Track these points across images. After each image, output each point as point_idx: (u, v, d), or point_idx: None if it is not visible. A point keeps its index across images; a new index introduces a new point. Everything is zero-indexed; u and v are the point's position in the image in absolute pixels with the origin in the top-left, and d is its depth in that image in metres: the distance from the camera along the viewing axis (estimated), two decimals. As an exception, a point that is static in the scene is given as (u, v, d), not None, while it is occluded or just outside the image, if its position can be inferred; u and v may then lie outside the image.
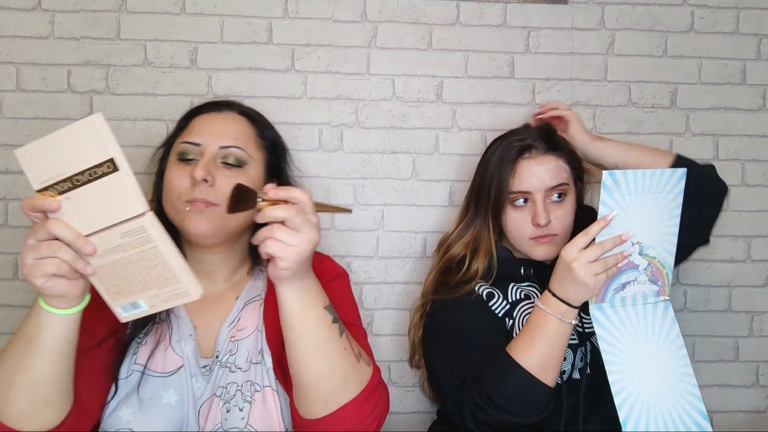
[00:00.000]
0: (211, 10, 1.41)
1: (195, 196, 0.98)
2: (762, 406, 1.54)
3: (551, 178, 1.16)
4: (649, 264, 1.08)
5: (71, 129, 0.75)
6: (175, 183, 1.01)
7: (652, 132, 1.50)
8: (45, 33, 1.38)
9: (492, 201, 1.20)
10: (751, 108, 1.52)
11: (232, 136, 1.05)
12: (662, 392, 1.07)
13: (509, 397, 1.03)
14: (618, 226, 1.02)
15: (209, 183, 0.99)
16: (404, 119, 1.46)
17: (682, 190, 1.05)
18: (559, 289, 1.04)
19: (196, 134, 1.04)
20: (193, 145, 1.03)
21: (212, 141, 1.03)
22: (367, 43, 1.45)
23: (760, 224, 1.53)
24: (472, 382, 1.07)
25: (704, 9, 1.50)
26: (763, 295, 1.53)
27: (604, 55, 1.49)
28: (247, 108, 1.13)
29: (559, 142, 1.22)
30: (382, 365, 1.46)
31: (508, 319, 1.17)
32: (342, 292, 1.12)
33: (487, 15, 1.46)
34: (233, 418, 0.97)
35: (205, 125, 1.06)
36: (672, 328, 1.10)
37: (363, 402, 0.91)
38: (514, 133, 1.24)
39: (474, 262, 1.22)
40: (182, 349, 1.01)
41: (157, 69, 1.41)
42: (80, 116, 1.39)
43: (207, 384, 1.00)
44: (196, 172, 0.98)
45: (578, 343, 1.16)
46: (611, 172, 1.00)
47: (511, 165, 1.18)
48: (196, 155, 1.02)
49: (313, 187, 1.44)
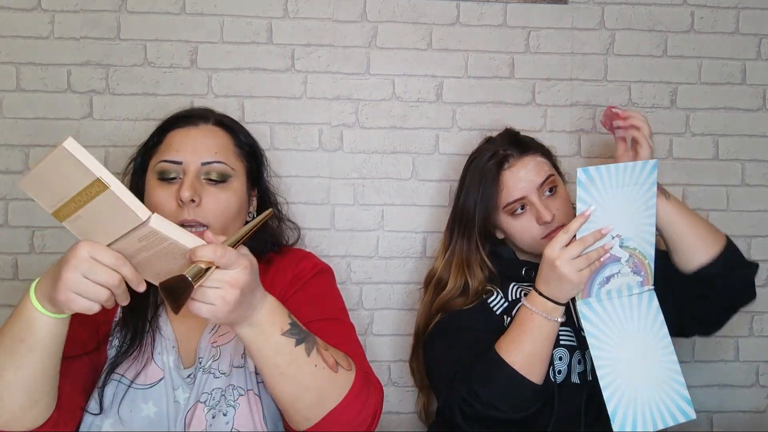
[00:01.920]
0: (211, 10, 1.41)
1: (185, 217, 0.97)
2: (762, 406, 1.54)
3: (537, 176, 1.18)
4: (630, 256, 1.09)
5: (51, 159, 0.74)
6: (161, 205, 0.99)
7: (652, 132, 1.50)
8: (45, 33, 1.38)
9: (481, 220, 1.21)
10: (751, 108, 1.52)
11: (213, 151, 1.02)
12: (649, 383, 1.09)
13: (495, 393, 1.04)
14: (597, 220, 1.04)
15: (196, 203, 0.98)
16: (404, 119, 1.46)
17: (655, 181, 1.08)
18: (545, 288, 1.06)
19: (176, 152, 1.01)
20: (173, 163, 1.00)
21: (193, 158, 1.01)
22: (367, 43, 1.45)
23: (760, 224, 1.53)
24: (461, 378, 1.08)
25: (704, 9, 1.50)
26: (763, 295, 1.53)
27: (604, 55, 1.49)
28: (220, 116, 1.12)
29: (527, 141, 1.25)
30: (382, 365, 1.46)
31: (506, 316, 1.18)
32: (323, 287, 1.11)
33: (487, 15, 1.46)
34: (218, 424, 0.97)
35: (184, 141, 1.03)
36: (657, 316, 1.12)
37: (347, 406, 0.89)
38: (481, 152, 1.25)
39: (472, 279, 1.23)
40: (164, 361, 1.01)
41: (157, 69, 1.41)
42: (80, 116, 1.39)
43: (191, 392, 1.00)
44: (183, 193, 0.96)
45: (577, 346, 1.16)
46: (585, 169, 1.03)
47: (496, 180, 1.19)
48: (178, 173, 1.00)
49: (313, 187, 1.44)
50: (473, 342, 1.13)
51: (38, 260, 1.38)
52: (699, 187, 1.51)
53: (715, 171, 1.52)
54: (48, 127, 1.39)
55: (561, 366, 1.14)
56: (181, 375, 1.01)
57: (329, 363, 0.89)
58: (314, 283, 1.09)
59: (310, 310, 1.04)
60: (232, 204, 1.03)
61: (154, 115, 1.40)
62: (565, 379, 1.14)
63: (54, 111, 1.39)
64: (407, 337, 1.43)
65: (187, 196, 0.96)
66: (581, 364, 1.16)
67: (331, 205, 1.45)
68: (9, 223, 1.39)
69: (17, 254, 1.39)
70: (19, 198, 1.38)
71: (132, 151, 1.13)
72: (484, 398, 1.05)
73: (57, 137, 1.38)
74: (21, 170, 1.38)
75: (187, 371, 1.01)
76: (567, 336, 1.15)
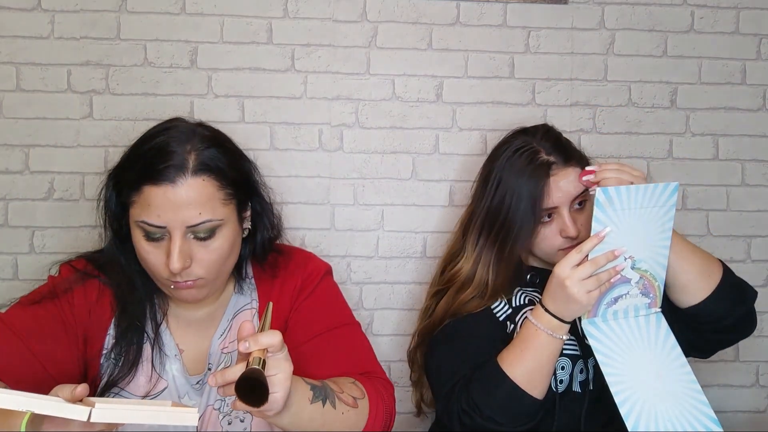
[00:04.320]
0: (211, 10, 1.41)
1: (177, 280, 0.95)
2: (762, 406, 1.54)
3: (575, 189, 1.13)
4: (641, 277, 1.07)
5: None
6: (151, 262, 0.96)
7: (652, 132, 1.50)
8: (45, 33, 1.38)
9: (519, 221, 1.14)
10: (751, 108, 1.52)
11: (197, 211, 0.93)
12: (666, 400, 1.04)
13: (495, 407, 1.03)
14: (610, 241, 1.02)
15: (188, 266, 0.95)
16: (404, 119, 1.46)
17: (675, 203, 1.05)
18: (552, 305, 1.04)
19: (157, 216, 0.93)
20: (156, 227, 0.94)
21: (176, 222, 0.93)
22: (367, 43, 1.44)
23: (760, 224, 1.53)
24: (462, 388, 1.07)
25: (704, 9, 1.50)
26: (763, 295, 1.52)
27: (604, 55, 1.49)
28: (198, 155, 0.96)
29: (569, 147, 1.20)
30: (382, 365, 1.44)
31: (509, 322, 1.17)
32: (331, 292, 1.13)
33: (487, 15, 1.46)
34: (235, 429, 0.98)
35: (163, 204, 0.93)
36: (668, 337, 1.09)
37: (371, 425, 0.96)
38: (517, 149, 1.17)
39: (498, 281, 1.18)
40: (166, 371, 1.01)
41: (157, 69, 1.41)
42: (80, 116, 1.39)
43: (201, 398, 1.00)
44: (172, 265, 0.92)
45: (580, 355, 1.14)
46: (604, 189, 1.00)
47: (541, 185, 1.12)
48: (162, 233, 0.94)
49: (313, 187, 1.44)
50: (474, 350, 1.12)
51: (38, 260, 1.37)
52: (699, 187, 1.51)
53: (715, 171, 1.51)
54: (48, 127, 1.39)
55: (563, 376, 1.13)
56: (189, 382, 1.01)
57: (350, 403, 0.93)
58: (323, 288, 1.10)
59: (323, 317, 1.06)
60: (225, 249, 0.98)
61: (154, 115, 1.39)
62: (566, 388, 1.13)
63: (54, 111, 1.39)
64: (407, 337, 1.43)
65: (177, 269, 0.92)
66: (583, 373, 1.14)
67: (331, 205, 1.45)
68: (9, 223, 1.39)
69: (17, 254, 1.39)
70: (19, 198, 1.38)
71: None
72: (484, 411, 1.04)
73: (57, 137, 1.39)
74: (21, 170, 1.38)
75: (196, 378, 1.02)
76: (571, 345, 1.14)
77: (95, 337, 1.02)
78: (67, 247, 1.36)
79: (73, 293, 1.02)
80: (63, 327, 1.00)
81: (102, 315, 1.03)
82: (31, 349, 0.97)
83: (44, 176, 1.39)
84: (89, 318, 1.02)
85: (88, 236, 1.36)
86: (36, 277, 1.33)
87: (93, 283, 1.04)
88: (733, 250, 1.52)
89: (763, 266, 1.53)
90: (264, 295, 1.08)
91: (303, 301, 1.08)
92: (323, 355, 1.03)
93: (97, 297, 1.03)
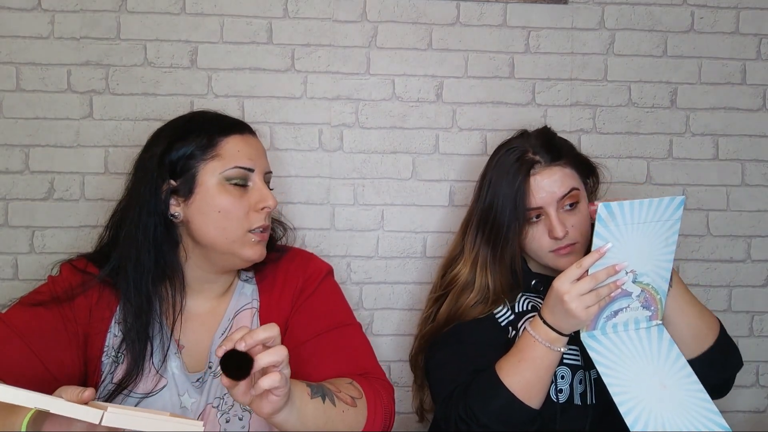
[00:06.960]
0: (211, 10, 1.41)
1: (264, 224, 1.03)
2: (762, 406, 1.54)
3: (560, 188, 1.12)
4: (642, 291, 1.05)
5: None
6: (237, 211, 1.01)
7: (652, 132, 1.50)
8: (45, 33, 1.38)
9: (506, 220, 1.15)
10: (751, 108, 1.52)
11: (268, 159, 1.10)
12: (674, 408, 1.02)
13: (492, 416, 1.03)
14: (612, 255, 1.00)
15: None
16: (404, 119, 1.46)
17: (680, 217, 1.02)
18: (550, 318, 1.03)
19: (249, 159, 1.04)
20: (247, 170, 1.03)
21: (260, 166, 1.06)
22: (367, 43, 1.45)
23: (760, 224, 1.53)
24: (460, 395, 1.07)
25: (704, 9, 1.50)
26: (763, 295, 1.53)
27: (604, 55, 1.49)
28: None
29: (560, 147, 1.18)
30: (382, 365, 1.44)
31: (511, 328, 1.16)
32: (332, 292, 1.13)
33: (487, 15, 1.46)
34: (233, 428, 0.98)
35: (250, 150, 1.06)
36: (671, 348, 1.07)
37: (371, 425, 0.96)
38: (510, 148, 1.18)
39: (496, 284, 1.18)
40: (166, 368, 1.01)
41: (157, 69, 1.41)
42: (80, 116, 1.39)
43: (200, 396, 1.00)
44: (270, 202, 1.03)
45: (581, 365, 1.13)
46: (606, 204, 0.98)
47: (522, 183, 1.12)
48: (247, 180, 1.03)
49: (313, 187, 1.44)
50: (475, 356, 1.12)
51: (38, 260, 1.37)
52: (699, 187, 1.51)
53: (715, 171, 1.51)
54: (48, 127, 1.39)
55: (563, 385, 1.12)
56: (189, 380, 1.01)
57: (349, 402, 0.94)
58: (324, 289, 1.10)
59: (324, 317, 1.07)
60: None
61: (154, 115, 1.40)
62: (567, 400, 1.12)
63: (54, 111, 1.39)
64: (407, 337, 1.43)
65: (273, 205, 1.03)
66: (582, 384, 1.13)
67: (331, 205, 1.45)
68: (9, 223, 1.39)
69: (17, 254, 1.39)
70: (19, 198, 1.38)
71: (132, 151, 1.13)
72: (480, 419, 1.03)
73: (57, 137, 1.39)
74: (21, 170, 1.38)
75: (195, 375, 1.02)
76: (572, 354, 1.13)
77: (96, 337, 1.02)
78: (67, 247, 1.36)
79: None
80: (64, 326, 1.00)
81: (103, 314, 1.03)
82: (32, 349, 0.97)
83: (44, 176, 1.39)
84: (90, 317, 1.02)
85: (88, 236, 1.37)
86: (36, 277, 1.33)
87: (93, 282, 1.04)
88: (733, 250, 1.52)
89: (763, 266, 1.53)
90: (265, 295, 1.09)
91: (304, 301, 1.08)
92: (323, 355, 1.04)
93: (97, 297, 1.03)
